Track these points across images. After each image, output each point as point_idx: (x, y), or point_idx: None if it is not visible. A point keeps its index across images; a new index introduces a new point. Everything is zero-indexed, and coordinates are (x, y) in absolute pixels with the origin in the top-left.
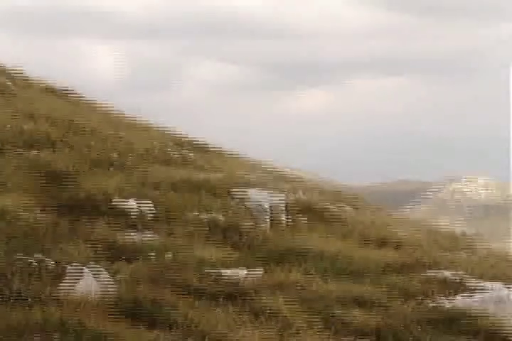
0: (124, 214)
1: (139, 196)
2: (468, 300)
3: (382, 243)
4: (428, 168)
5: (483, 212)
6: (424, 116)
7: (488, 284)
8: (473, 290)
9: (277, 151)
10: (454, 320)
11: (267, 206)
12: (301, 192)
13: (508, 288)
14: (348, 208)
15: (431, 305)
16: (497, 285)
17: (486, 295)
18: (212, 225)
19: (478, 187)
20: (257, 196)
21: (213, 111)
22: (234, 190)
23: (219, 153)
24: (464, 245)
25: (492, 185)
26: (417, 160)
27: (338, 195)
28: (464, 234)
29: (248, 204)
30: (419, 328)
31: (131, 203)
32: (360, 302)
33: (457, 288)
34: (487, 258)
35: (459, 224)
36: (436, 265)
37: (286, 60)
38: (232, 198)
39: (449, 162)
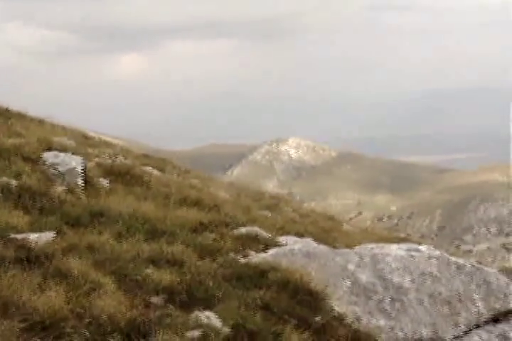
0: None
1: None
2: (277, 254)
3: (184, 203)
4: (247, 130)
5: (295, 172)
6: (243, 78)
7: (295, 239)
8: (281, 245)
9: (92, 117)
10: (262, 274)
11: (64, 169)
12: (106, 156)
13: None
14: (154, 171)
15: (241, 260)
16: (306, 239)
17: (295, 248)
18: (5, 190)
19: (289, 149)
20: (56, 159)
21: (27, 78)
22: (32, 154)
23: (24, 119)
24: (274, 204)
25: (303, 145)
26: (236, 124)
27: (145, 159)
28: (275, 194)
29: (45, 167)
30: (211, 283)
31: None
32: (155, 261)
33: (268, 243)
34: (295, 216)
35: (272, 185)
36: (244, 223)
37: (103, 25)
38: (29, 162)
39: (266, 124)
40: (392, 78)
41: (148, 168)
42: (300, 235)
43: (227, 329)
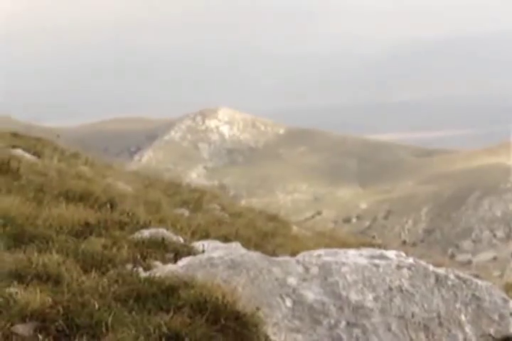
0: None
1: None
2: (191, 265)
3: (66, 198)
4: (160, 100)
5: (229, 157)
6: (150, 28)
7: (216, 244)
8: (196, 253)
9: None
10: (170, 292)
11: None
12: None
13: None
14: (27, 155)
15: (142, 274)
16: (231, 244)
17: (216, 256)
18: None
19: (220, 124)
20: None
21: None
22: None
23: None
24: (195, 200)
25: (239, 119)
26: (144, 91)
27: (15, 139)
28: (198, 186)
29: None
30: (99, 305)
31: None
32: (22, 276)
33: (179, 250)
34: (224, 215)
35: (197, 175)
36: (148, 224)
37: None
38: None
39: (186, 92)
40: (356, 32)
41: (19, 151)
42: (227, 240)
43: None
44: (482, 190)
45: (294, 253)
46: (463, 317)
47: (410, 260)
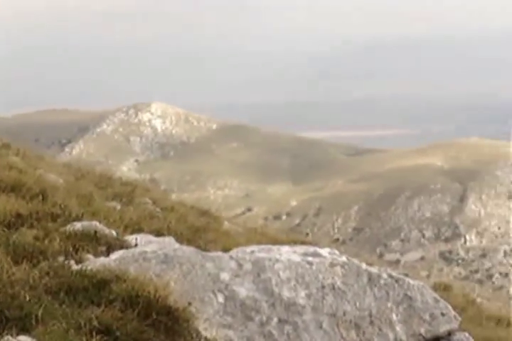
0: None
1: None
2: (124, 259)
3: None
4: (91, 92)
5: (160, 151)
6: (82, 15)
7: (149, 238)
8: (129, 247)
9: None
10: (102, 286)
11: None
12: None
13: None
14: None
15: (74, 267)
16: (164, 239)
17: (149, 250)
18: None
19: (152, 118)
20: None
21: None
22: None
23: None
24: (127, 193)
25: (171, 113)
26: (75, 82)
27: None
28: (129, 180)
29: None
30: (29, 297)
31: None
32: None
33: (112, 244)
34: (156, 209)
35: (128, 169)
36: (80, 216)
37: None
38: None
39: (118, 84)
40: (305, 28)
41: None
42: (159, 234)
43: None
44: (412, 190)
45: (225, 249)
46: (394, 317)
47: (343, 258)
